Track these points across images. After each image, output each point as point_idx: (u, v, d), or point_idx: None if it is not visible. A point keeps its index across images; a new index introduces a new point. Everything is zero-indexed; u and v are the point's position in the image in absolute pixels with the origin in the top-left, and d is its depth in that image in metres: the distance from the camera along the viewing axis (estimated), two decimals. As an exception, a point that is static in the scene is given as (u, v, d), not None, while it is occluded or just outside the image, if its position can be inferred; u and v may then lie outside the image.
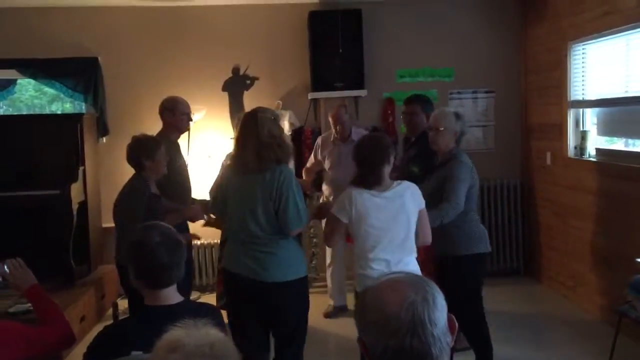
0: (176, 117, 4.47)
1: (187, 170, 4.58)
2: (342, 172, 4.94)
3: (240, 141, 3.37)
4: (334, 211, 3.31)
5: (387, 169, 3.29)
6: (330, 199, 5.22)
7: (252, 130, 3.29)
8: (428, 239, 3.40)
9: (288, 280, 3.31)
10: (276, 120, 3.38)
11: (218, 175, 3.69)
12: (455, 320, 1.42)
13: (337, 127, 5.21)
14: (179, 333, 1.38)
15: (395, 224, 3.24)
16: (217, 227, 4.76)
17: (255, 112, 3.36)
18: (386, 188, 3.26)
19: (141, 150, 3.80)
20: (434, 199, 3.57)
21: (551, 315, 5.27)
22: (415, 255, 3.34)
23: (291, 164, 5.87)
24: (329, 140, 5.35)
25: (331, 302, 5.56)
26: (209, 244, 6.16)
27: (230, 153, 4.36)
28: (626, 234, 4.62)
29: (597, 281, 5.08)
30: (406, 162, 4.50)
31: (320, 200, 5.49)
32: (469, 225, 3.74)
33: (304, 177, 5.46)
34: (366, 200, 3.22)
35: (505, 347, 4.57)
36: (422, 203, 3.33)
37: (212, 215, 4.29)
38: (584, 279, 5.29)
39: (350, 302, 5.50)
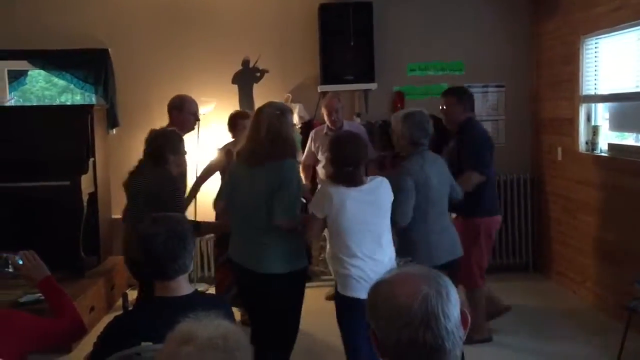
0: (183, 116, 4.51)
1: (185, 168, 4.54)
2: None
3: (248, 135, 3.45)
4: (310, 206, 3.32)
5: (362, 168, 3.32)
6: None
7: (254, 126, 3.39)
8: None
9: (286, 272, 3.35)
10: (283, 114, 3.38)
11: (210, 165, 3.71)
12: (467, 315, 1.42)
13: (332, 117, 5.23)
14: (191, 325, 1.38)
15: (372, 217, 3.25)
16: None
17: (262, 107, 3.45)
18: (361, 184, 3.27)
19: (167, 144, 3.75)
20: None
21: (560, 310, 5.26)
22: (392, 249, 3.35)
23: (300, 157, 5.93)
24: (321, 133, 5.40)
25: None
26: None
27: (226, 144, 4.49)
28: (636, 230, 4.59)
29: (607, 277, 5.06)
30: (454, 154, 4.41)
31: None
32: (409, 234, 3.60)
33: (301, 174, 5.49)
34: (342, 194, 3.21)
35: (513, 341, 4.58)
36: (392, 196, 3.36)
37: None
38: (593, 274, 5.27)
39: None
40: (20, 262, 2.43)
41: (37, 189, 5.18)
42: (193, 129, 4.68)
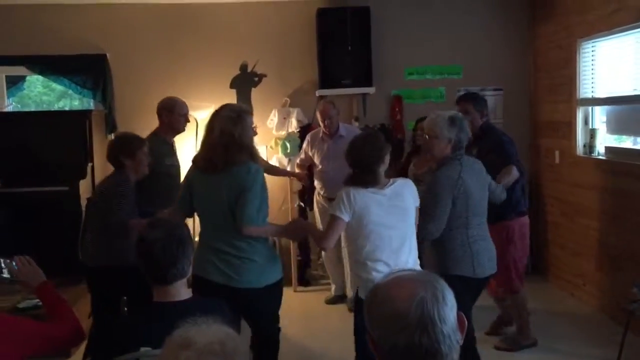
0: (174, 118, 4.50)
1: (178, 171, 4.53)
2: (330, 166, 5.15)
3: (202, 140, 3.31)
4: (333, 211, 3.20)
5: (383, 168, 3.23)
6: (322, 192, 5.36)
7: (208, 129, 3.23)
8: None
9: (263, 286, 3.22)
10: (239, 118, 3.19)
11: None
12: (464, 318, 1.42)
13: (325, 122, 5.26)
14: (190, 330, 1.38)
15: (396, 221, 3.18)
16: None
17: (218, 110, 3.27)
18: (383, 186, 3.20)
19: (122, 148, 3.80)
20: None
21: (559, 313, 5.26)
22: (416, 253, 3.29)
23: (275, 160, 5.95)
24: (317, 137, 5.43)
25: (332, 290, 5.75)
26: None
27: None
28: (635, 233, 4.59)
29: (605, 279, 5.06)
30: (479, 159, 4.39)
31: (315, 200, 5.54)
32: (451, 243, 3.42)
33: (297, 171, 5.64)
34: (365, 197, 3.14)
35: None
36: (418, 200, 3.30)
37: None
38: (592, 277, 5.27)
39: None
40: (16, 268, 2.43)
41: (35, 194, 5.19)
42: (183, 130, 4.64)
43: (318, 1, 6.05)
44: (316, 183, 5.48)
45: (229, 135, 3.13)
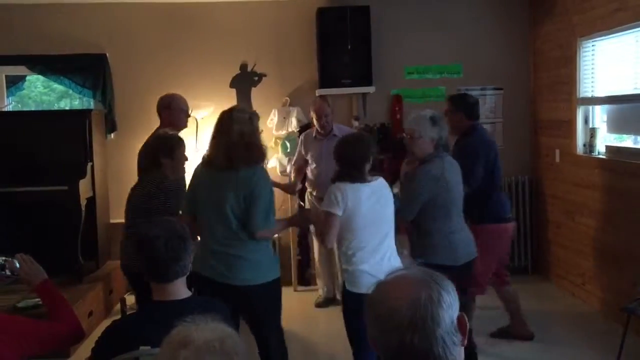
0: (173, 114, 4.47)
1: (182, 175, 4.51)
2: (324, 167, 4.99)
3: (213, 140, 3.34)
4: (325, 207, 3.29)
5: (368, 167, 3.35)
6: (314, 193, 5.28)
7: (224, 129, 3.27)
8: None
9: (259, 283, 3.27)
10: (252, 120, 3.31)
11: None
12: (466, 320, 1.41)
13: (321, 121, 5.17)
14: (188, 328, 1.38)
15: (382, 215, 3.35)
16: None
17: (231, 111, 3.33)
18: (367, 182, 3.34)
19: (161, 148, 3.71)
20: None
21: (559, 312, 5.26)
22: (394, 242, 3.46)
23: (275, 160, 5.92)
24: (311, 136, 5.34)
25: (321, 293, 5.72)
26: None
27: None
28: (635, 232, 4.59)
29: (606, 279, 5.06)
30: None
31: (307, 199, 5.49)
32: (433, 234, 3.62)
33: (292, 179, 5.48)
34: (356, 190, 3.27)
35: (513, 344, 4.58)
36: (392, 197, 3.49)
37: None
38: (593, 276, 5.27)
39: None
40: (17, 266, 2.43)
41: (35, 194, 5.18)
42: (186, 126, 4.58)
43: (318, 0, 6.05)
44: (307, 183, 5.41)
45: (243, 136, 3.22)
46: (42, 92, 9.67)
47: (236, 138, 3.21)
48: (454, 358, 1.37)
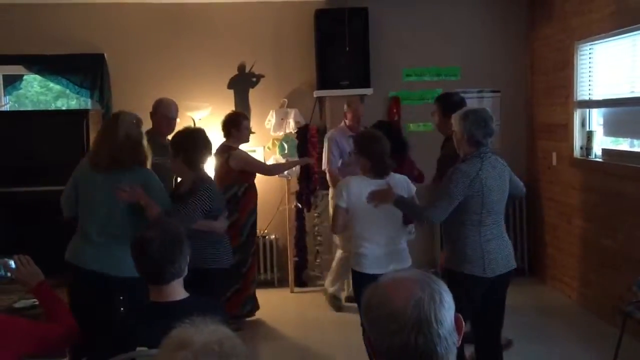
0: (156, 119, 4.50)
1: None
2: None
3: (98, 140, 3.53)
4: (336, 200, 3.70)
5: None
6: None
7: (111, 131, 3.43)
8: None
9: (124, 276, 3.20)
10: (137, 124, 3.50)
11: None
12: (462, 320, 1.42)
13: (356, 122, 5.30)
14: (187, 330, 1.38)
15: (387, 205, 3.52)
16: None
17: (118, 114, 3.54)
18: (386, 176, 3.66)
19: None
20: None
21: (555, 315, 5.27)
22: (406, 237, 3.79)
23: (272, 161, 5.92)
24: (344, 135, 5.28)
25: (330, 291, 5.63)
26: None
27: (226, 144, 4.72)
28: (631, 235, 4.60)
29: (602, 282, 5.07)
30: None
31: (330, 198, 5.45)
32: (462, 241, 3.40)
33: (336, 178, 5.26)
34: (360, 182, 3.63)
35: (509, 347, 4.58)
36: (412, 190, 3.74)
37: None
38: (589, 279, 5.28)
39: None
40: (14, 266, 2.43)
41: (32, 194, 5.17)
42: (169, 132, 4.43)
43: (316, 2, 6.05)
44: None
45: (129, 138, 3.39)
46: (39, 92, 9.65)
47: (124, 140, 3.37)
48: (453, 358, 1.37)
